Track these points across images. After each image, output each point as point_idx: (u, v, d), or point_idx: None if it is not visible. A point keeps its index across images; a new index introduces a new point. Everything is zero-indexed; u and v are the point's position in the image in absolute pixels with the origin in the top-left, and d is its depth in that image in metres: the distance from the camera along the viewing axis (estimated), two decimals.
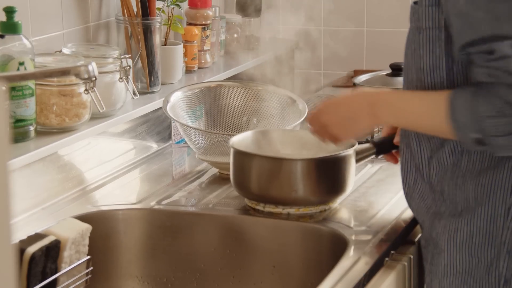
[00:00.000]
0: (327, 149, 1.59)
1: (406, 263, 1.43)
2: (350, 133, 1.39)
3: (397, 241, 1.45)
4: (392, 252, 1.43)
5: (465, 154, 1.27)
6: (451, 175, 1.29)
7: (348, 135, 1.39)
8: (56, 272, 1.35)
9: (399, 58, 2.30)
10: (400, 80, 2.16)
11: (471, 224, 1.28)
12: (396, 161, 1.53)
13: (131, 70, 1.81)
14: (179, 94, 1.83)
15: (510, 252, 1.26)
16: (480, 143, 1.21)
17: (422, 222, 1.38)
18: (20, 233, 1.37)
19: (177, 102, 1.80)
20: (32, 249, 1.30)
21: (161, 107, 1.92)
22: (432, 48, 1.26)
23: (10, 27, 1.53)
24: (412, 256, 1.46)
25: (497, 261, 1.26)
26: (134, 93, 1.80)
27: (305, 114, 1.78)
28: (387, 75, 2.19)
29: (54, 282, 1.35)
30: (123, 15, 1.92)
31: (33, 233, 1.35)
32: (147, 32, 1.92)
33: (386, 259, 1.41)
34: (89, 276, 1.43)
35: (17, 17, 1.54)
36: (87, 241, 1.41)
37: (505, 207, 1.25)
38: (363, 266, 1.33)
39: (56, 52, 1.72)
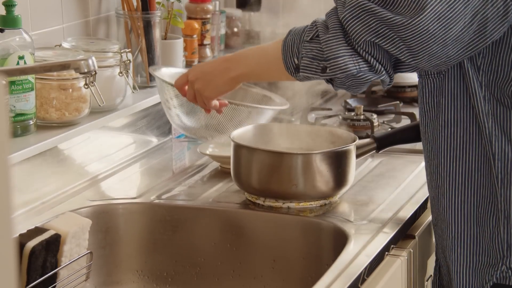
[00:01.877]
0: (328, 144, 1.59)
1: (406, 257, 1.43)
2: (212, 88, 1.42)
3: (397, 235, 1.45)
4: (393, 246, 1.43)
5: (460, 126, 1.30)
6: (445, 146, 1.32)
7: (209, 90, 1.42)
8: (56, 266, 1.35)
9: None
10: (399, 74, 2.16)
11: (477, 195, 1.31)
12: None
13: (131, 64, 1.80)
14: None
15: (508, 218, 1.29)
16: (297, 70, 1.29)
17: (432, 199, 1.39)
18: (20, 227, 1.37)
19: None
20: (32, 243, 1.30)
21: (161, 102, 1.92)
22: None
23: (9, 21, 1.53)
24: (412, 250, 1.46)
25: (498, 227, 1.30)
26: (134, 88, 1.80)
27: (287, 106, 1.76)
28: None
29: (54, 276, 1.36)
30: (123, 9, 1.91)
31: (33, 227, 1.35)
32: (147, 26, 1.92)
33: (386, 253, 1.41)
34: (89, 270, 1.43)
35: (16, 11, 1.54)
36: (87, 235, 1.41)
37: (497, 176, 1.29)
38: (363, 260, 1.33)
39: (56, 46, 1.72)
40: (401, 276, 1.42)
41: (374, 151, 1.62)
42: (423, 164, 1.74)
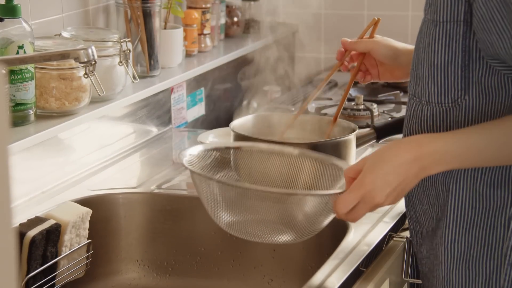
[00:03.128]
0: (328, 133, 1.59)
1: (406, 246, 1.43)
2: (403, 195, 1.19)
3: (397, 224, 1.45)
4: (392, 235, 1.43)
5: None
6: (443, 180, 1.23)
7: (400, 197, 1.19)
8: (56, 256, 1.35)
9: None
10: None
11: (469, 235, 1.21)
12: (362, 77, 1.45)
13: (131, 53, 1.80)
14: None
15: None
16: None
17: (425, 230, 1.30)
18: (20, 217, 1.37)
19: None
20: (32, 232, 1.31)
21: (161, 91, 1.92)
22: (449, 43, 1.18)
23: (9, 10, 1.53)
24: (412, 239, 1.46)
25: (497, 274, 1.20)
26: (134, 77, 1.80)
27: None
28: None
29: (55, 265, 1.36)
30: None
31: (33, 216, 1.35)
32: (147, 15, 1.92)
33: (386, 242, 1.41)
34: (90, 259, 1.43)
35: (16, 0, 1.54)
36: (87, 225, 1.41)
37: (504, 217, 1.19)
38: (363, 249, 1.33)
39: (55, 35, 1.72)
40: (401, 265, 1.42)
41: (374, 140, 1.61)
42: None
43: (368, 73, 1.45)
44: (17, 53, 1.52)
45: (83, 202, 1.48)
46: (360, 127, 1.60)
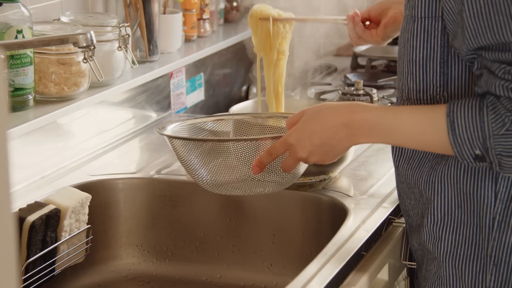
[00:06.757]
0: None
1: (405, 232, 1.43)
2: (330, 157, 1.22)
3: (396, 210, 1.45)
4: (392, 220, 1.43)
5: (450, 159, 1.20)
6: (427, 178, 1.22)
7: (328, 159, 1.23)
8: (56, 241, 1.35)
9: None
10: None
11: (457, 233, 1.21)
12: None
13: (130, 39, 1.80)
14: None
15: (497, 265, 1.18)
16: (481, 160, 1.12)
17: (414, 224, 1.30)
18: (20, 202, 1.37)
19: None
20: (32, 217, 1.31)
21: (160, 76, 1.92)
22: (427, 38, 1.18)
23: None
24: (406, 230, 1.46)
25: (483, 274, 1.19)
26: (133, 62, 1.80)
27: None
28: (387, 44, 2.18)
29: (54, 250, 1.36)
30: None
31: (33, 201, 1.35)
32: (146, 0, 1.91)
33: (385, 227, 1.41)
34: (89, 244, 1.43)
35: None
36: (86, 210, 1.41)
37: (489, 217, 1.17)
38: (362, 235, 1.34)
39: (54, 20, 1.71)
40: (400, 250, 1.42)
41: None
42: None
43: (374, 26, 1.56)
44: (16, 37, 1.51)
45: (83, 187, 1.48)
46: None
